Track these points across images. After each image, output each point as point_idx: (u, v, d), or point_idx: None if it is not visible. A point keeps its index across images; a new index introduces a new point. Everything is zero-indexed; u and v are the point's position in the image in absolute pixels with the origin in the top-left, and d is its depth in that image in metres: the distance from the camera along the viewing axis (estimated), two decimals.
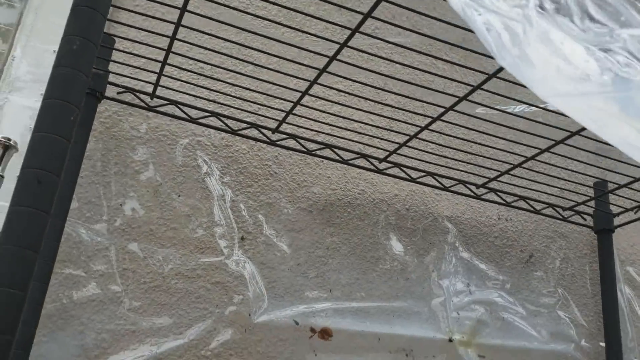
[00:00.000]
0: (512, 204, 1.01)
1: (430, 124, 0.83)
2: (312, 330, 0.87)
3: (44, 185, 0.39)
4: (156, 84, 0.82)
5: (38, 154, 0.40)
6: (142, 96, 0.85)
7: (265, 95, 0.88)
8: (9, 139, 0.49)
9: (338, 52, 0.71)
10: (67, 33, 0.43)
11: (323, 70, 0.75)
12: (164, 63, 0.77)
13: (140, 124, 0.88)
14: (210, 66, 0.89)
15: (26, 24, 0.86)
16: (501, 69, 0.71)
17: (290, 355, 0.86)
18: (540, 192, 1.02)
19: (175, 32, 0.70)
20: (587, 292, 1.08)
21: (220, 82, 0.90)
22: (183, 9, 0.67)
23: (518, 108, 0.95)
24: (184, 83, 0.89)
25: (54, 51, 0.86)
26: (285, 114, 0.88)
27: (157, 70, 0.82)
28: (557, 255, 1.09)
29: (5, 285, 0.37)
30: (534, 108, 0.94)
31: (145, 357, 0.79)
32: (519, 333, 0.99)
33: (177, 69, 0.86)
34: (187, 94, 0.87)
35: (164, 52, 0.79)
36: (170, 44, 0.73)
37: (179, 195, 0.86)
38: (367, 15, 0.65)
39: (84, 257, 0.79)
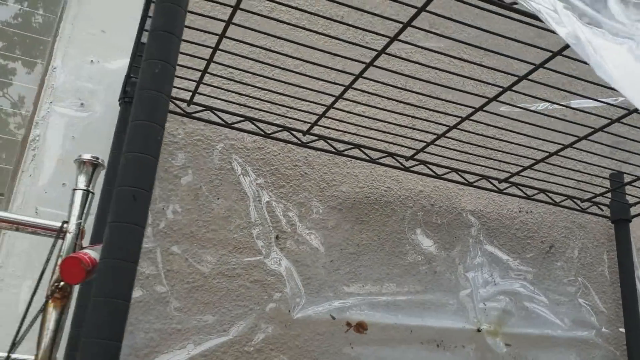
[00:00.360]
0: (533, 197, 1.04)
1: (459, 123, 0.86)
2: (348, 324, 0.91)
3: (139, 202, 0.42)
4: (194, 92, 0.84)
5: (131, 173, 0.43)
6: (178, 103, 0.88)
7: (294, 99, 0.91)
8: (97, 158, 0.52)
9: (375, 58, 0.74)
10: (148, 57, 0.46)
11: (359, 75, 0.78)
12: (204, 72, 0.80)
13: (176, 130, 0.91)
14: (239, 71, 0.91)
15: (64, 35, 0.89)
16: (531, 72, 0.74)
17: (327, 349, 0.89)
18: (559, 184, 1.05)
19: (218, 43, 0.73)
20: (605, 280, 1.12)
21: (250, 87, 0.92)
22: (228, 22, 0.69)
23: (542, 106, 0.99)
24: (214, 88, 0.91)
25: (92, 61, 0.89)
26: (314, 116, 0.91)
27: (189, 77, 0.84)
28: (576, 245, 1.12)
29: (111, 296, 0.40)
30: (555, 105, 0.98)
31: (192, 355, 0.82)
32: (543, 321, 1.03)
33: (209, 75, 0.88)
34: (221, 99, 0.90)
35: (196, 60, 0.82)
36: (212, 54, 0.76)
37: (218, 198, 0.89)
38: (407, 25, 0.67)
39: None
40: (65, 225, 0.49)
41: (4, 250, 0.76)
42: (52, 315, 0.46)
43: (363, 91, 0.86)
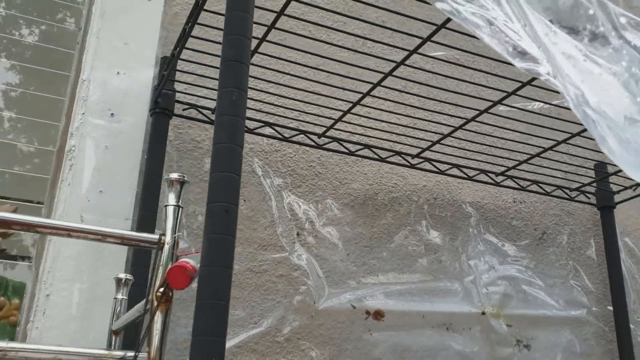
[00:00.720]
0: (527, 188, 1.13)
1: (466, 123, 0.94)
2: (367, 312, 0.98)
3: (229, 215, 0.48)
4: None
5: (220, 190, 0.49)
6: (204, 111, 0.93)
7: (308, 104, 0.97)
8: (183, 176, 0.57)
9: (394, 69, 0.81)
10: (223, 85, 0.52)
11: (377, 84, 0.85)
12: None
13: (200, 136, 0.96)
14: (254, 79, 0.97)
15: (90, 48, 0.93)
16: (533, 79, 0.82)
17: (349, 336, 0.96)
18: (548, 175, 1.14)
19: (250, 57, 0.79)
20: (593, 263, 1.22)
21: (264, 93, 0.98)
22: (262, 39, 0.75)
23: (537, 105, 1.07)
24: None
25: (118, 72, 0.94)
26: (325, 119, 0.97)
27: (214, 87, 0.90)
28: (565, 231, 1.22)
29: (214, 298, 0.46)
30: (546, 105, 1.06)
31: (227, 347, 0.88)
32: (539, 303, 1.12)
33: None
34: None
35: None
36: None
37: (244, 200, 0.95)
38: (427, 40, 0.74)
39: None
40: (162, 237, 0.55)
41: (50, 255, 0.81)
42: (159, 317, 0.52)
43: (373, 96, 0.93)
